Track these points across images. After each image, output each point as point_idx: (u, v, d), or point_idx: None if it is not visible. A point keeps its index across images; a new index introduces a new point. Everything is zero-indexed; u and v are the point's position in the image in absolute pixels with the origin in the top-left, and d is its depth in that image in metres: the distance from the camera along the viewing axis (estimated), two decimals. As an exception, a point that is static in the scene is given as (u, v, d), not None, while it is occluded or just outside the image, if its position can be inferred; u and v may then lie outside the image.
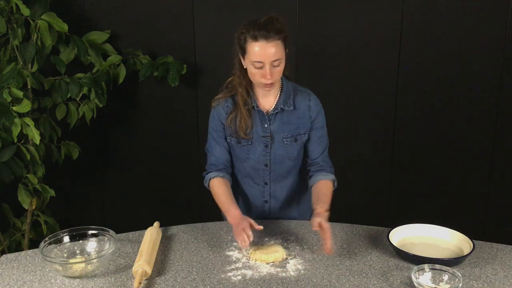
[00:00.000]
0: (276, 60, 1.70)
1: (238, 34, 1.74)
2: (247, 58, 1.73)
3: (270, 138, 1.88)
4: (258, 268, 1.61)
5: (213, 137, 1.94)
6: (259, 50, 1.68)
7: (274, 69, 1.72)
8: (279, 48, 1.70)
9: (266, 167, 1.93)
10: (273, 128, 1.87)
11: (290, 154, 1.91)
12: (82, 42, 2.50)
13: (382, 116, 2.79)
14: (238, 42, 1.74)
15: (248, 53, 1.71)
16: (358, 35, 2.67)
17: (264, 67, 1.70)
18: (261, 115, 1.86)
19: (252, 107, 1.85)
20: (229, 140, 1.92)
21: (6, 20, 2.28)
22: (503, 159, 2.78)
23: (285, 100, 1.85)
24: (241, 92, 1.83)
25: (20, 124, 2.23)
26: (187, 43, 2.73)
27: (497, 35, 2.60)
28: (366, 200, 2.95)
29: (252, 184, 1.99)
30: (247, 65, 1.75)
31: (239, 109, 1.84)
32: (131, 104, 2.84)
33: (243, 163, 1.94)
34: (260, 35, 1.67)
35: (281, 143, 1.89)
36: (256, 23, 1.70)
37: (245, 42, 1.71)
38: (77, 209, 3.01)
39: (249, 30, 1.69)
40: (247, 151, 1.90)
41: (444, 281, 1.49)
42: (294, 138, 1.89)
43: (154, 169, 2.95)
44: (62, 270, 1.54)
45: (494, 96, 2.69)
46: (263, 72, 1.71)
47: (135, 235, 1.84)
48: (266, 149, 1.89)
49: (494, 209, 2.87)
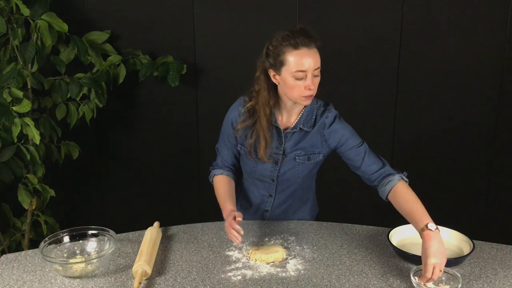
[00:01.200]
0: (317, 69, 1.62)
1: (272, 47, 1.64)
2: (286, 70, 1.62)
3: (282, 155, 1.80)
4: (258, 268, 1.61)
5: (223, 139, 1.88)
6: (302, 58, 1.59)
7: (315, 78, 1.63)
8: (318, 57, 1.63)
9: (272, 182, 1.89)
10: (287, 146, 1.79)
11: (300, 172, 1.84)
12: (82, 42, 2.50)
13: (382, 116, 2.79)
14: (272, 55, 1.64)
15: (287, 64, 1.61)
16: (358, 35, 2.67)
17: (306, 77, 1.61)
18: (278, 132, 1.78)
19: (271, 124, 1.76)
20: (239, 148, 1.85)
21: (6, 20, 2.28)
22: (503, 159, 2.78)
23: (307, 120, 1.77)
24: (266, 111, 1.72)
25: (20, 124, 2.23)
26: (187, 43, 2.73)
27: (497, 35, 2.60)
28: (366, 200, 2.95)
29: (256, 193, 1.96)
30: (285, 79, 1.64)
31: (261, 129, 1.73)
32: (131, 104, 2.84)
33: (249, 173, 1.91)
34: (301, 42, 1.59)
35: (293, 161, 1.81)
36: (292, 32, 1.61)
37: (283, 53, 1.61)
38: (77, 209, 3.01)
39: (286, 39, 1.60)
40: (255, 164, 1.84)
41: (443, 281, 1.49)
42: (308, 157, 1.81)
43: (154, 169, 2.95)
44: (62, 270, 1.54)
45: (494, 96, 2.69)
46: (306, 83, 1.61)
47: (135, 235, 1.84)
48: (276, 166, 1.83)
49: (494, 209, 2.86)
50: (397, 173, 1.73)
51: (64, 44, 2.55)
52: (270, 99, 1.72)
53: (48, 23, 2.34)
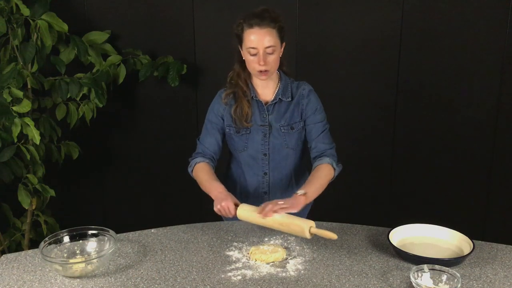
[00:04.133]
0: (270, 47, 1.78)
1: (236, 24, 1.83)
2: (244, 46, 1.81)
3: (268, 127, 1.93)
4: (258, 268, 1.61)
5: (206, 128, 2.00)
6: (253, 36, 1.77)
7: (268, 56, 1.79)
8: (273, 36, 1.78)
9: (265, 156, 1.97)
10: (271, 118, 1.93)
11: (288, 142, 1.96)
12: (82, 42, 2.50)
13: (382, 116, 2.80)
14: (236, 32, 1.83)
15: (244, 41, 1.80)
16: (358, 35, 2.67)
17: (258, 53, 1.78)
18: (260, 106, 1.93)
19: (251, 97, 1.92)
20: (227, 130, 1.96)
21: (6, 20, 2.28)
22: (503, 159, 2.77)
23: (284, 91, 1.93)
24: (241, 83, 1.91)
25: (20, 124, 2.23)
26: (187, 43, 2.73)
27: (497, 35, 2.60)
28: (366, 200, 2.95)
29: (251, 174, 2.02)
30: (244, 54, 1.83)
31: (240, 100, 1.90)
32: (131, 104, 2.84)
33: (241, 153, 1.99)
34: (254, 22, 1.77)
35: (279, 131, 1.94)
36: (252, 12, 1.80)
37: (242, 31, 1.80)
38: (77, 209, 3.01)
39: (245, 19, 1.79)
40: (246, 140, 1.96)
41: (443, 281, 1.49)
42: (291, 126, 1.94)
43: (154, 169, 2.95)
44: (62, 270, 1.54)
45: (494, 96, 2.69)
46: (257, 59, 1.78)
47: (135, 235, 1.84)
48: (265, 138, 1.95)
49: (494, 209, 2.86)
50: (330, 159, 1.89)
51: (64, 44, 2.55)
52: (242, 72, 1.92)
53: (48, 23, 2.34)
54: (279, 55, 1.83)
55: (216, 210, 1.77)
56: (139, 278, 1.56)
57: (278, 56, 1.83)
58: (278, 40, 1.80)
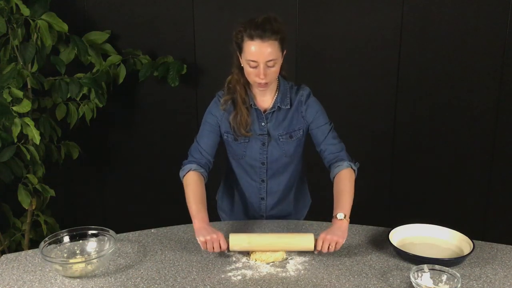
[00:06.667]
0: (271, 60, 1.70)
1: (236, 32, 1.74)
2: (243, 57, 1.74)
3: (267, 136, 1.88)
4: (258, 268, 1.61)
5: (204, 129, 1.93)
6: (254, 49, 1.68)
7: (269, 69, 1.72)
8: (274, 49, 1.70)
9: (263, 165, 1.93)
10: (269, 126, 1.88)
11: (286, 151, 1.91)
12: (82, 42, 2.50)
13: (382, 116, 2.79)
14: (235, 40, 1.75)
15: (244, 52, 1.72)
16: (358, 35, 2.67)
17: (258, 66, 1.70)
18: (259, 114, 1.87)
19: (250, 105, 1.86)
20: (225, 137, 1.91)
21: (6, 20, 2.28)
22: (503, 159, 2.78)
23: (283, 99, 1.86)
24: (240, 90, 1.84)
25: (20, 124, 2.23)
26: (187, 43, 2.73)
27: (497, 35, 2.60)
28: (366, 200, 2.94)
29: (249, 180, 1.99)
30: (243, 64, 1.76)
31: (239, 107, 1.84)
32: (131, 104, 2.84)
33: (239, 160, 1.95)
34: (256, 34, 1.68)
35: (277, 141, 1.89)
36: (253, 22, 1.70)
37: (242, 41, 1.71)
38: (77, 209, 3.01)
39: (246, 29, 1.70)
40: (244, 148, 1.91)
41: (443, 281, 1.49)
42: (289, 135, 1.89)
43: (154, 169, 2.95)
44: (62, 270, 1.54)
45: (494, 96, 2.69)
46: (257, 72, 1.71)
47: (135, 235, 1.84)
48: (263, 147, 1.90)
49: (494, 209, 2.86)
50: (348, 161, 1.86)
51: (64, 44, 2.55)
52: (241, 78, 1.83)
53: (48, 23, 2.34)
54: (280, 66, 1.76)
55: (201, 242, 1.67)
56: (139, 278, 1.56)
57: (279, 67, 1.76)
58: (279, 52, 1.72)
